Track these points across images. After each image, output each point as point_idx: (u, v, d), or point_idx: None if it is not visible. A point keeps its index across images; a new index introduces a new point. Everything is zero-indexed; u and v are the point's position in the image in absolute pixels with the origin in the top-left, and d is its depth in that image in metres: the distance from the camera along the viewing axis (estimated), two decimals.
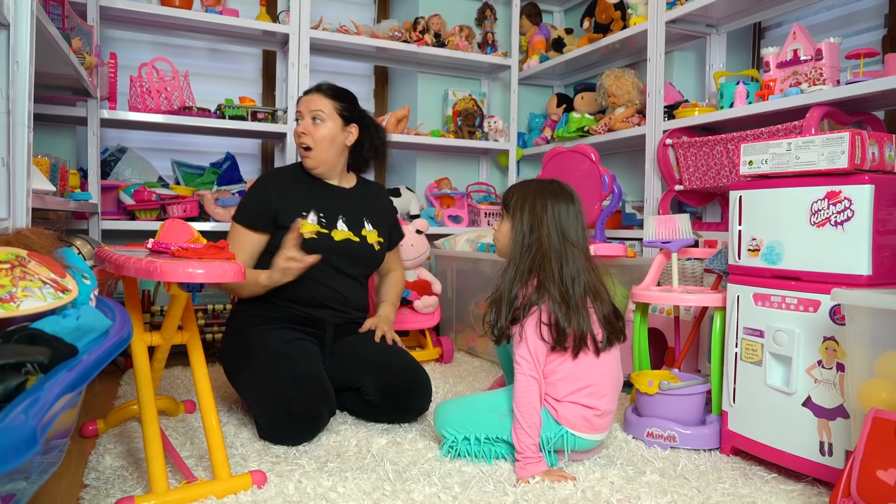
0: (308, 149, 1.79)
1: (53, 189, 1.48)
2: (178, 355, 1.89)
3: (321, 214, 1.80)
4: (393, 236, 2.01)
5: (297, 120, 1.82)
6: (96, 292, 1.02)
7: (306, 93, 1.85)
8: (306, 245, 1.71)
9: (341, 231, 1.82)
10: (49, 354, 0.72)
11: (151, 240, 1.36)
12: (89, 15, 2.35)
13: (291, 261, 1.60)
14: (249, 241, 1.76)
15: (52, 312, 0.85)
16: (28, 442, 0.55)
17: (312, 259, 1.62)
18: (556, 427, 1.35)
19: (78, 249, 1.66)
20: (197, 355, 1.30)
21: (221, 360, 1.77)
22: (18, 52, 1.23)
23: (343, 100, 1.84)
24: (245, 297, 1.77)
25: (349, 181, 1.92)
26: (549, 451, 1.35)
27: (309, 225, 1.77)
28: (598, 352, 1.36)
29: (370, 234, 1.87)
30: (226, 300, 2.44)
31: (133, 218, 2.46)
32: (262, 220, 1.77)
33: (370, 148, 1.92)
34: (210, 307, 2.38)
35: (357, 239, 1.83)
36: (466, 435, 1.40)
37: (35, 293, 0.85)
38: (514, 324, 1.35)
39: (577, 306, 1.34)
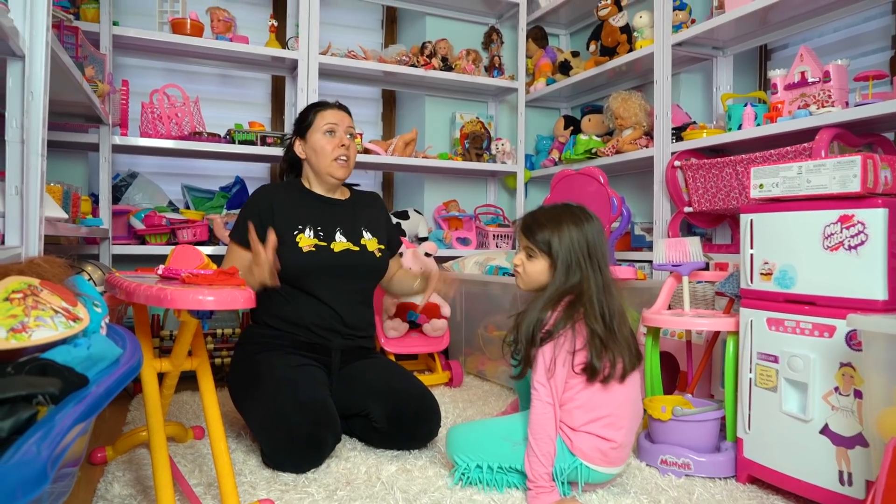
0: (346, 160, 1.83)
1: (66, 216, 1.49)
2: (188, 380, 1.88)
3: (318, 227, 1.80)
4: (392, 244, 2.00)
5: (329, 133, 1.82)
6: (107, 320, 1.02)
7: (328, 106, 1.87)
8: (306, 258, 1.73)
9: (340, 242, 1.81)
10: (60, 385, 0.71)
11: (162, 266, 1.37)
12: (102, 43, 2.39)
13: (258, 266, 1.58)
14: (244, 259, 1.74)
15: (63, 342, 0.85)
16: (40, 476, 0.54)
17: (270, 245, 1.60)
18: (571, 458, 1.32)
19: (89, 275, 1.67)
20: (206, 381, 1.29)
21: (229, 385, 1.76)
22: (33, 83, 1.25)
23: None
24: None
25: (344, 193, 1.94)
26: (563, 483, 1.33)
27: (307, 240, 1.77)
28: (623, 377, 1.34)
29: (370, 241, 1.87)
30: (235, 325, 2.44)
31: (143, 242, 2.47)
32: (256, 236, 1.75)
33: None
34: (219, 332, 2.37)
35: (357, 248, 1.83)
36: (479, 462, 1.38)
37: (47, 322, 0.85)
38: (533, 346, 1.33)
39: (615, 339, 1.32)
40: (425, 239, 2.99)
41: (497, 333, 2.44)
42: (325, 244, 1.79)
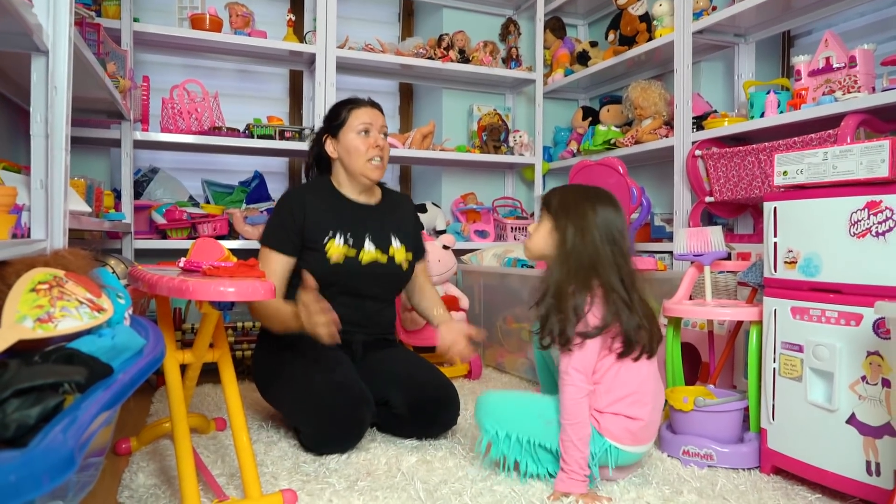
0: (381, 161, 1.80)
1: (89, 210, 1.51)
2: (209, 373, 1.90)
3: (349, 233, 1.78)
4: (418, 250, 1.96)
5: (363, 133, 1.78)
6: (130, 311, 1.04)
7: (361, 104, 1.82)
8: (332, 271, 1.71)
9: (369, 252, 1.78)
10: (86, 374, 0.73)
11: (183, 258, 1.38)
12: (123, 40, 2.41)
13: (321, 324, 1.47)
14: (279, 265, 1.73)
15: (88, 332, 0.87)
16: (67, 462, 0.55)
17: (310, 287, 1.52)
18: (600, 440, 1.31)
19: (112, 269, 1.69)
20: (228, 373, 1.30)
21: (254, 376, 1.77)
22: (57, 78, 1.27)
23: None
24: (274, 332, 1.68)
25: (376, 196, 1.90)
26: (593, 464, 1.32)
27: (336, 247, 1.74)
28: (650, 354, 1.33)
29: (398, 251, 1.83)
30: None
31: (165, 237, 2.50)
32: (290, 242, 1.74)
33: None
34: (240, 325, 2.40)
35: (385, 260, 1.80)
36: (508, 432, 1.36)
37: (72, 313, 0.86)
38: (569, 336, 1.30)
39: (639, 313, 1.32)
40: (443, 232, 2.99)
41: (516, 326, 2.44)
42: (353, 253, 1.75)
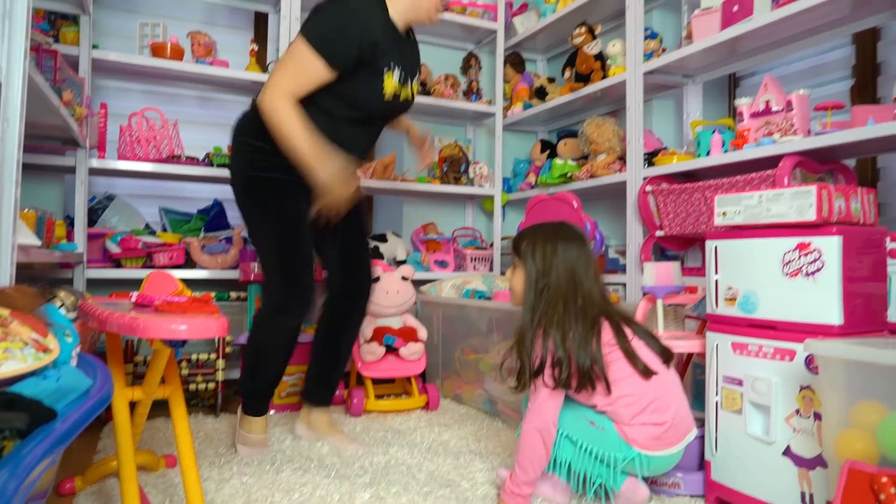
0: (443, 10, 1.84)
1: (38, 243, 1.49)
2: (161, 406, 1.87)
3: (402, 69, 1.76)
4: None
5: None
6: (78, 350, 1.03)
7: None
8: (379, 105, 1.75)
9: (406, 90, 1.82)
10: (26, 420, 0.72)
11: (135, 293, 1.37)
12: (81, 67, 2.40)
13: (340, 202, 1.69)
14: (316, 76, 1.58)
15: (32, 374, 0.86)
16: None
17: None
18: (628, 450, 1.35)
19: (62, 301, 1.66)
20: (179, 410, 1.29)
21: (247, 213, 1.86)
22: (9, 110, 1.26)
23: None
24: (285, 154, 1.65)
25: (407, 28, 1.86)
26: (616, 471, 1.36)
27: (392, 83, 1.73)
28: (647, 373, 1.39)
29: (415, 86, 1.89)
30: (210, 349, 2.43)
31: (119, 266, 2.46)
32: (343, 54, 1.60)
33: None
34: (194, 357, 2.36)
35: (410, 97, 1.86)
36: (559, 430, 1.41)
37: (16, 354, 0.85)
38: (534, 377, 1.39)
39: (582, 342, 1.36)
40: (403, 262, 3.01)
41: (474, 357, 2.46)
42: (399, 90, 1.77)
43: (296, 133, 1.60)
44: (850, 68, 2.40)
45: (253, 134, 1.76)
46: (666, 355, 1.42)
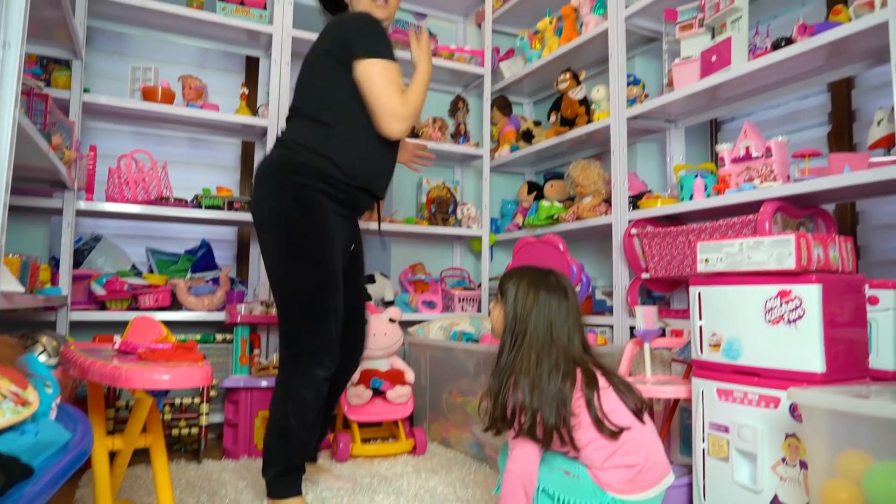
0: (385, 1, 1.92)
1: (22, 290, 1.48)
2: (143, 452, 1.83)
3: None
4: None
5: None
6: (58, 401, 1.01)
7: None
8: None
9: None
10: (2, 480, 0.71)
11: (118, 339, 1.36)
12: (72, 110, 2.41)
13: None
14: (401, 77, 1.81)
15: (10, 428, 0.84)
16: None
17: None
18: (602, 495, 1.32)
19: (44, 346, 1.64)
20: (160, 460, 1.27)
21: (271, 234, 1.75)
22: None
23: None
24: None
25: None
26: None
27: None
28: (614, 436, 1.34)
29: None
30: (194, 392, 2.39)
31: (104, 308, 2.44)
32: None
33: None
34: (178, 401, 2.33)
35: None
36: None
37: None
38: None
39: (550, 399, 1.34)
40: (391, 302, 3.01)
41: (461, 399, 2.44)
42: None
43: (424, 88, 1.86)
44: (826, 115, 2.47)
45: (313, 175, 1.73)
46: (640, 410, 1.39)
